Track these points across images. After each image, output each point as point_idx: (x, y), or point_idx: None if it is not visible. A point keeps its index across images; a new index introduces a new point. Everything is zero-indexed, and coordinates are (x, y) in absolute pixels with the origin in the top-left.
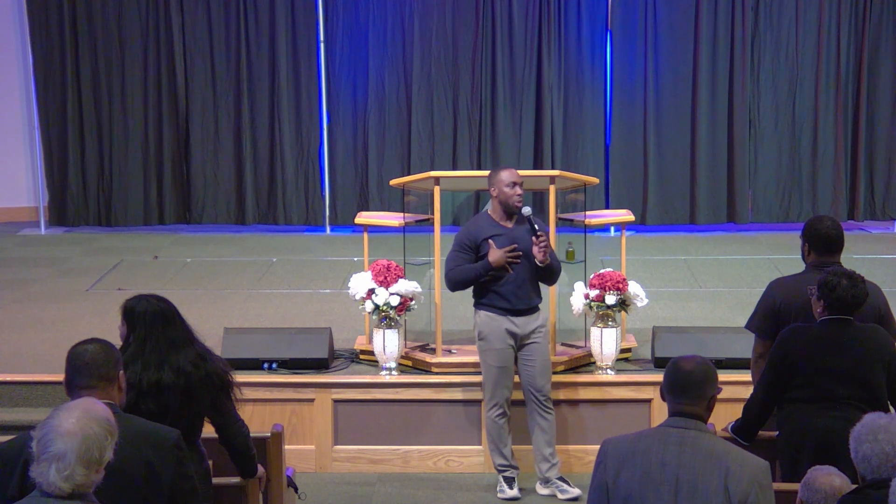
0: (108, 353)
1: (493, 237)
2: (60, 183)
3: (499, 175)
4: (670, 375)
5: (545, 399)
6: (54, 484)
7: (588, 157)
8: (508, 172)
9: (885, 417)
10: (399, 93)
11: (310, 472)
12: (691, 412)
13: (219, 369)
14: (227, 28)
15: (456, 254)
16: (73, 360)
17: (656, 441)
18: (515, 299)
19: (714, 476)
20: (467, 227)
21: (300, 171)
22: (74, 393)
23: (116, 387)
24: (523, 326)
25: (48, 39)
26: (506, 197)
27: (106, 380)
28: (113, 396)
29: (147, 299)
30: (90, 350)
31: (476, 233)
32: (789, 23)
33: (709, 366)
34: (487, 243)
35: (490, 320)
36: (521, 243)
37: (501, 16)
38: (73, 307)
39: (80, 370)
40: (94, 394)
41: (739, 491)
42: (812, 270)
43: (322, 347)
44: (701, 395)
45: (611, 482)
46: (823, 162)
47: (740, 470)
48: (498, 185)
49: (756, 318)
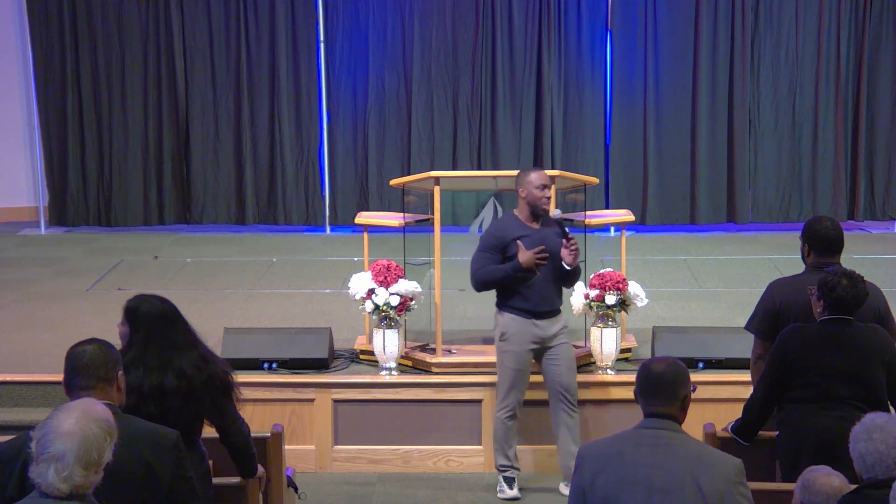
0: (106, 353)
1: (521, 238)
2: (60, 183)
3: (528, 176)
4: (641, 378)
5: (572, 398)
6: (53, 484)
7: (588, 157)
8: (538, 174)
9: (883, 417)
10: (399, 93)
11: (310, 472)
12: (664, 413)
13: (220, 371)
14: (227, 28)
15: (482, 254)
16: (71, 361)
17: (630, 443)
18: (540, 301)
19: (687, 477)
20: (493, 227)
21: (300, 171)
22: (73, 393)
23: (115, 387)
24: (547, 329)
25: (48, 39)
26: (534, 199)
27: (105, 380)
28: (112, 397)
29: (150, 300)
30: (89, 351)
31: (503, 233)
32: (789, 23)
33: (679, 366)
34: (515, 244)
35: (514, 322)
36: (547, 245)
37: (501, 16)
38: (73, 307)
39: (79, 370)
40: (93, 394)
41: (713, 491)
42: (812, 271)
43: (322, 347)
44: (672, 396)
45: (587, 486)
46: (823, 162)
47: (713, 470)
48: (527, 186)
49: (756, 318)
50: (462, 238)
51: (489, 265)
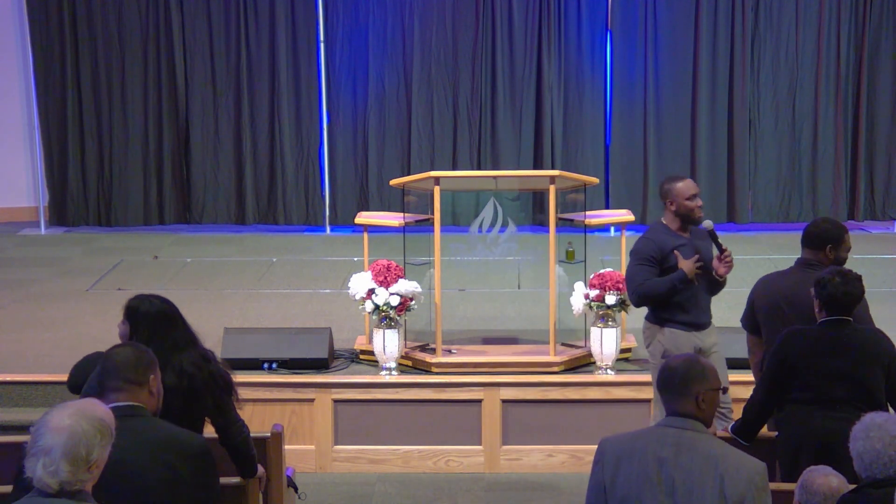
0: (139, 357)
1: (678, 248)
2: (60, 183)
3: (675, 187)
4: (659, 373)
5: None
6: (41, 479)
7: (588, 157)
8: (685, 184)
9: (882, 416)
10: (399, 93)
11: (310, 472)
12: (682, 411)
13: (222, 370)
14: (227, 28)
15: (641, 267)
16: (104, 363)
17: (653, 440)
18: (699, 313)
19: (709, 478)
20: (650, 239)
21: (300, 171)
22: (104, 396)
23: (147, 391)
24: (705, 340)
25: (48, 39)
26: (687, 210)
27: (134, 383)
28: (142, 400)
29: (150, 300)
30: (121, 353)
31: (662, 244)
32: (789, 23)
33: (695, 363)
34: (674, 255)
35: (678, 337)
36: (701, 254)
37: (501, 16)
38: (73, 307)
39: (109, 372)
40: (121, 397)
41: (735, 493)
42: (800, 266)
43: (322, 347)
44: (684, 392)
45: (608, 482)
46: (823, 162)
47: (736, 472)
48: (676, 197)
49: (744, 314)
50: (462, 238)
51: (651, 278)
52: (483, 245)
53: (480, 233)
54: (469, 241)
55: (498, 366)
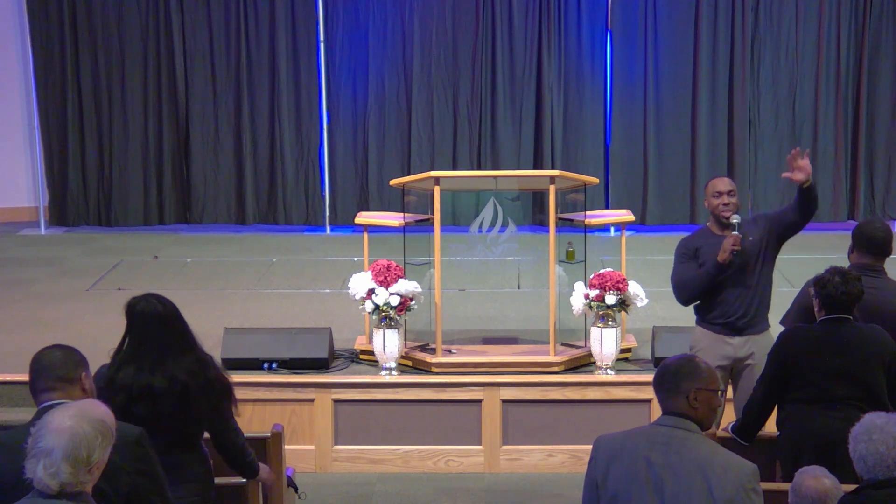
0: (67, 355)
1: (704, 244)
2: (60, 183)
3: (707, 185)
4: (656, 370)
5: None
6: (42, 480)
7: (588, 157)
8: (712, 182)
9: (883, 417)
10: (399, 93)
11: (310, 472)
12: (675, 409)
13: (220, 375)
14: (227, 28)
15: (678, 266)
16: (33, 365)
17: (643, 439)
18: (741, 314)
19: (698, 480)
20: (684, 237)
21: (300, 171)
22: (37, 397)
23: (79, 388)
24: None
25: (48, 39)
26: (712, 207)
27: (65, 381)
28: (75, 397)
29: (148, 300)
30: (49, 354)
31: (693, 242)
32: (789, 23)
33: (688, 361)
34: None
35: (704, 338)
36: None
37: (501, 16)
38: (73, 307)
39: (39, 373)
40: (55, 395)
41: (724, 495)
42: (866, 272)
43: (322, 347)
44: (675, 390)
45: (600, 479)
46: (823, 162)
47: (724, 474)
48: (708, 196)
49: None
50: (462, 238)
51: (690, 272)
52: (483, 245)
53: (480, 233)
54: (469, 241)
55: (498, 366)
